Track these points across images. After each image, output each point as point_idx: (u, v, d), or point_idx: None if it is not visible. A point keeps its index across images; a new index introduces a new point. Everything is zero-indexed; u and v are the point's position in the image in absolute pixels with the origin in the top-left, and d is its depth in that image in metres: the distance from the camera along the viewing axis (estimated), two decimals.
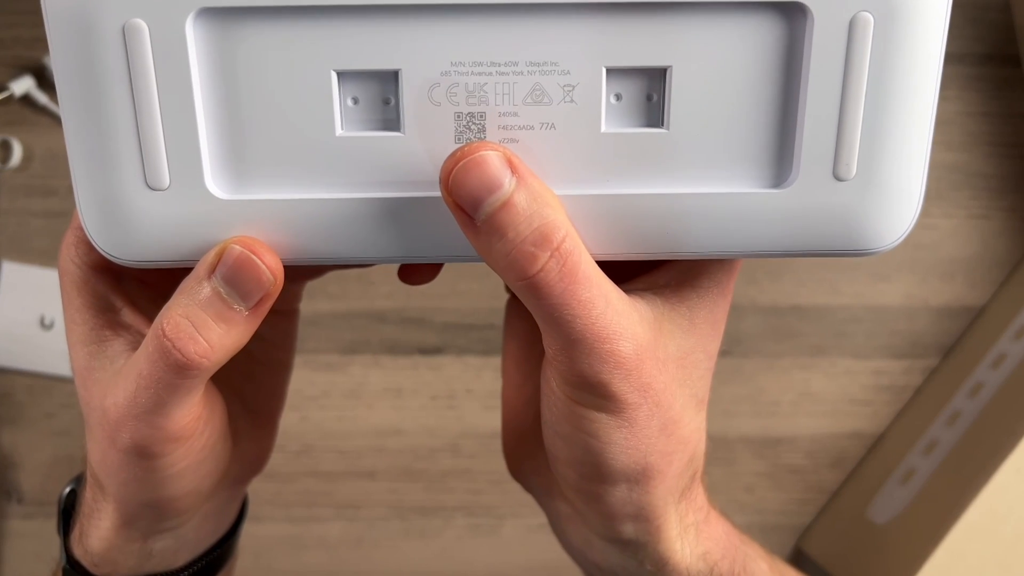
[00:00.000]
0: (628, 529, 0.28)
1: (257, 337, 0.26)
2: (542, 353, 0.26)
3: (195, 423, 0.27)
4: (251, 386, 0.33)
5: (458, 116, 0.23)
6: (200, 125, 0.23)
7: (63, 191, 0.55)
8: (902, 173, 0.24)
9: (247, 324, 0.24)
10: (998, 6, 0.56)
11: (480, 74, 0.22)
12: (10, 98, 0.53)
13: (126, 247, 0.24)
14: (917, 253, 0.58)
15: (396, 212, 0.24)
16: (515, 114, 0.23)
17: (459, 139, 0.23)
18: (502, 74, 0.23)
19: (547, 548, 0.60)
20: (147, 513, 0.29)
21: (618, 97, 0.23)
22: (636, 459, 0.26)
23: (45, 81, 0.54)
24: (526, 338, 0.32)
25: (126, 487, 0.28)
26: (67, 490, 0.33)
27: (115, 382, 0.26)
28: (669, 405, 0.26)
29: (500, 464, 0.59)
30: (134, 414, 0.25)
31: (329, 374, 0.58)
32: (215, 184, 0.23)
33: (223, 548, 0.33)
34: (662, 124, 0.23)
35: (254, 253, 0.23)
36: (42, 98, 0.54)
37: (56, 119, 0.55)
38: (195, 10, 0.21)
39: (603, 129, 0.23)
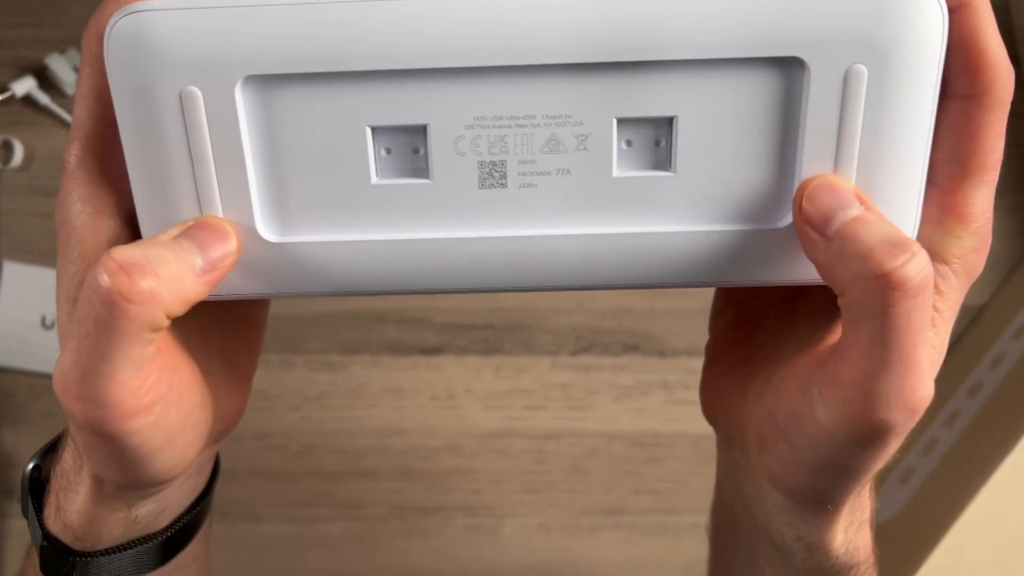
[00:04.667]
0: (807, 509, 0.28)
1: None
2: (762, 322, 0.27)
3: (148, 395, 0.25)
4: (229, 339, 0.32)
5: (481, 164, 0.25)
6: (251, 177, 0.25)
7: None
8: (896, 212, 0.25)
9: (198, 280, 0.24)
10: (998, 6, 0.56)
11: (501, 127, 0.25)
12: (11, 98, 0.53)
13: None
14: None
15: (426, 250, 0.26)
16: (533, 161, 0.25)
17: (482, 185, 0.25)
18: (521, 126, 0.25)
19: (547, 548, 0.60)
20: (121, 488, 0.28)
21: (628, 143, 0.25)
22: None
23: (46, 82, 0.54)
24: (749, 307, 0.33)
25: (103, 466, 0.27)
26: (31, 466, 0.31)
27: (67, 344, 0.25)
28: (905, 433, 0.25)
29: (500, 464, 0.59)
30: (77, 377, 0.24)
31: (330, 374, 0.58)
32: (265, 228, 0.26)
33: (202, 504, 0.33)
34: (670, 167, 0.25)
35: (219, 220, 0.25)
36: (43, 99, 0.54)
37: (57, 119, 0.55)
38: (242, 77, 0.24)
39: (615, 174, 0.25)
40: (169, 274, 0.23)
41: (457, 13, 0.23)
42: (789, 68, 0.24)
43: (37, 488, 0.31)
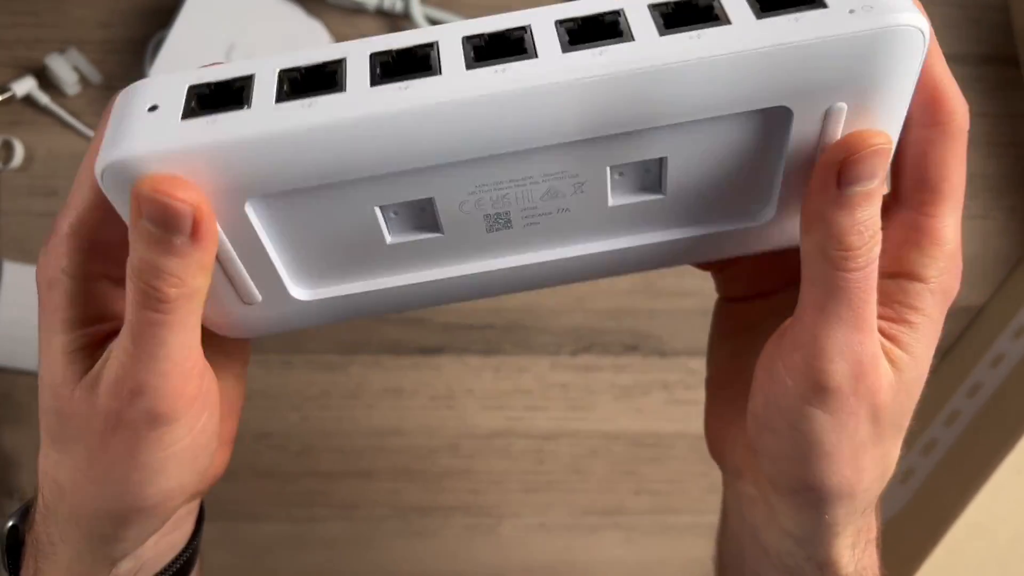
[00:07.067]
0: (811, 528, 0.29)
1: (221, 352, 0.29)
2: (755, 353, 0.29)
3: (199, 381, 0.26)
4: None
5: (487, 216, 0.27)
6: (275, 261, 0.27)
7: (64, 191, 0.55)
8: None
9: (196, 251, 0.24)
10: (998, 7, 0.56)
11: (502, 189, 0.26)
12: (12, 98, 0.53)
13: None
14: None
15: (443, 284, 0.29)
16: (534, 208, 0.27)
17: (490, 230, 0.27)
18: (520, 186, 0.26)
19: (547, 548, 0.60)
20: (117, 527, 0.28)
21: (621, 174, 0.27)
22: (845, 469, 0.28)
23: (46, 82, 0.54)
24: (745, 335, 0.34)
25: (108, 480, 0.27)
26: (8, 525, 0.31)
27: (104, 363, 0.26)
28: (882, 421, 0.27)
29: (499, 464, 0.59)
30: (136, 362, 0.25)
31: (329, 374, 0.58)
32: (297, 289, 0.29)
33: (183, 559, 0.33)
34: (661, 191, 0.27)
35: (165, 194, 0.23)
36: (43, 98, 0.54)
37: (57, 119, 0.55)
38: (247, 200, 0.25)
39: (610, 204, 0.27)
40: (179, 268, 0.24)
41: (451, 114, 0.24)
42: (775, 111, 0.25)
43: (15, 547, 0.31)
